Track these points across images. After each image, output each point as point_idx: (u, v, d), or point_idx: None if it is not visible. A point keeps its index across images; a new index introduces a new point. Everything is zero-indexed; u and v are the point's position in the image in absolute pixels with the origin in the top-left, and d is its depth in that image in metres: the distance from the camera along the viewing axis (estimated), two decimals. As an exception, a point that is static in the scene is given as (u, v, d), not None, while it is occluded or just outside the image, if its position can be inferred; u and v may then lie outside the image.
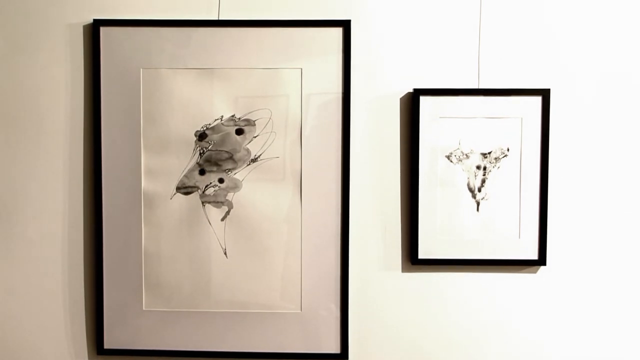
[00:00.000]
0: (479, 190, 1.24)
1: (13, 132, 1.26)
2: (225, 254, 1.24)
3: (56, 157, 1.26)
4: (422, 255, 1.24)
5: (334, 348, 1.25)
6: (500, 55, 1.25)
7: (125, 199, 1.24)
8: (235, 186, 1.24)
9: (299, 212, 1.23)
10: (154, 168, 1.24)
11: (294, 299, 1.25)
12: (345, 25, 1.22)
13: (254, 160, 1.23)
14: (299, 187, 1.23)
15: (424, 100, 1.23)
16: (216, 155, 1.23)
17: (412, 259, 1.25)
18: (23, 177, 1.26)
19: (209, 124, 1.23)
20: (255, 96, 1.23)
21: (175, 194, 1.24)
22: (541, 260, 1.25)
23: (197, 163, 1.24)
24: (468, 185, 1.24)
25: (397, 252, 1.27)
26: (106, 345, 1.26)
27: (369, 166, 1.26)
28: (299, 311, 1.25)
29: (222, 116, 1.23)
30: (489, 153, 1.24)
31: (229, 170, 1.23)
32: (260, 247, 1.24)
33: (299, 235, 1.24)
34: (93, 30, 1.23)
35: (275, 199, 1.23)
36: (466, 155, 1.24)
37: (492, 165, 1.24)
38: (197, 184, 1.24)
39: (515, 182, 1.24)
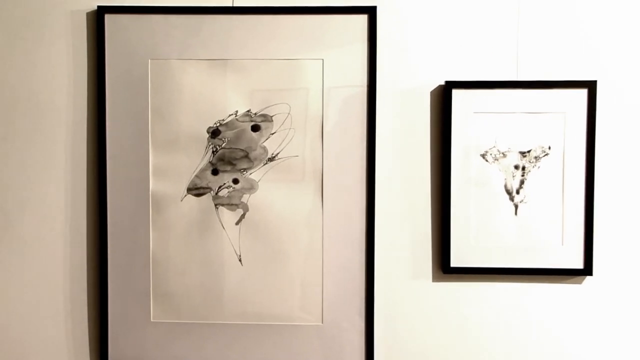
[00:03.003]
0: (517, 192, 1.20)
1: (11, 129, 1.24)
2: (239, 260, 1.22)
3: (57, 156, 1.24)
4: (454, 263, 1.21)
5: (358, 364, 1.23)
6: (541, 43, 1.21)
7: (131, 201, 1.22)
8: (251, 187, 1.21)
9: (320, 215, 1.21)
10: (163, 167, 1.22)
11: (315, 310, 1.22)
12: (371, 12, 1.19)
13: (272, 159, 1.21)
14: (320, 189, 1.21)
15: (456, 93, 1.20)
16: (230, 153, 1.21)
17: (444, 268, 1.22)
18: (21, 177, 1.25)
19: (223, 120, 1.21)
20: (273, 89, 1.21)
21: (185, 195, 1.22)
22: (587, 270, 1.21)
23: (210, 162, 1.21)
24: (505, 186, 1.21)
25: (427, 260, 1.24)
26: (111, 359, 1.24)
27: (397, 166, 1.23)
28: (320, 323, 1.22)
29: (236, 111, 1.21)
30: (529, 151, 1.20)
31: (244, 169, 1.21)
32: (277, 253, 1.22)
33: (319, 241, 1.21)
34: (97, 18, 1.21)
35: (294, 201, 1.21)
36: (503, 154, 1.20)
37: (532, 164, 1.20)
38: (210, 184, 1.22)
39: (558, 183, 1.20)
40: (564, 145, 1.19)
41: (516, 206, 1.21)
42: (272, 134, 1.21)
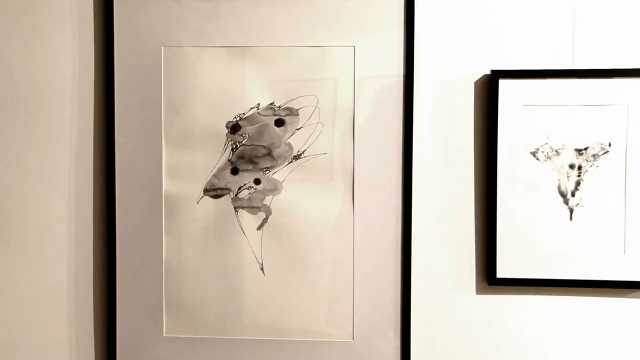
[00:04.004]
0: (573, 194, 1.13)
1: (10, 124, 1.21)
2: (261, 269, 1.17)
3: (61, 153, 1.20)
4: (501, 273, 1.15)
5: (393, 385, 1.18)
6: (601, 27, 1.14)
7: (142, 203, 1.18)
8: (274, 188, 1.16)
9: (351, 219, 1.16)
10: (177, 166, 1.17)
11: (344, 325, 1.16)
12: (408, -7, 1.14)
13: (297, 157, 1.16)
14: (351, 190, 1.16)
15: (504, 84, 1.13)
16: (251, 151, 1.16)
17: (489, 278, 1.15)
18: (21, 177, 1.21)
19: (243, 114, 1.16)
20: (299, 80, 1.16)
21: (202, 197, 1.17)
22: (653, 282, 1.14)
23: (229, 160, 1.16)
24: (559, 188, 1.13)
25: (470, 270, 1.18)
26: (119, 377, 1.20)
27: (436, 165, 1.17)
28: (350, 340, 1.17)
29: (258, 104, 1.16)
30: (586, 149, 1.13)
31: (267, 169, 1.16)
32: (303, 261, 1.17)
33: (350, 248, 1.16)
34: (105, 2, 1.17)
35: (322, 204, 1.16)
36: (556, 151, 1.13)
37: (590, 163, 1.13)
38: (229, 185, 1.17)
39: (619, 185, 1.12)
40: (627, 142, 1.12)
41: (571, 210, 1.13)
42: (298, 129, 1.16)
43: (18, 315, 1.22)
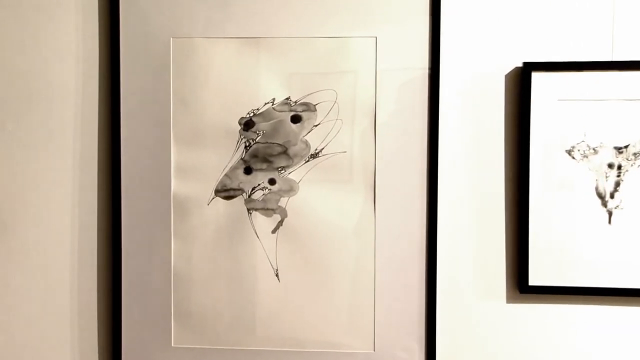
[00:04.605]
0: (612, 196, 1.08)
1: (9, 121, 1.18)
2: (276, 275, 1.13)
3: (62, 153, 1.18)
4: (533, 281, 1.10)
5: (416, 400, 1.14)
6: None
7: (149, 205, 1.15)
8: (290, 189, 1.13)
9: (372, 222, 1.12)
10: (187, 165, 1.14)
11: (365, 335, 1.13)
12: (434, -21, 1.11)
13: (315, 155, 1.12)
14: (372, 191, 1.12)
15: (537, 77, 1.09)
16: (266, 149, 1.13)
17: (521, 286, 1.11)
18: (21, 177, 1.18)
19: (257, 109, 1.13)
20: (316, 73, 1.12)
21: (213, 198, 1.14)
22: (700, 291, 1.08)
23: (242, 159, 1.13)
24: (597, 189, 1.09)
25: (500, 277, 1.13)
26: (125, 390, 1.18)
27: (464, 164, 1.13)
28: (371, 351, 1.13)
29: (273, 99, 1.12)
30: (626, 147, 1.08)
31: (282, 168, 1.13)
32: (321, 267, 1.13)
33: (371, 253, 1.12)
34: None
35: (342, 206, 1.13)
36: (594, 150, 1.08)
37: (630, 162, 1.08)
38: (242, 185, 1.13)
39: None
40: (671, 140, 1.07)
41: (610, 213, 1.08)
42: (316, 125, 1.12)
43: (17, 326, 1.20)
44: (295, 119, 1.12)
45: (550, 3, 1.10)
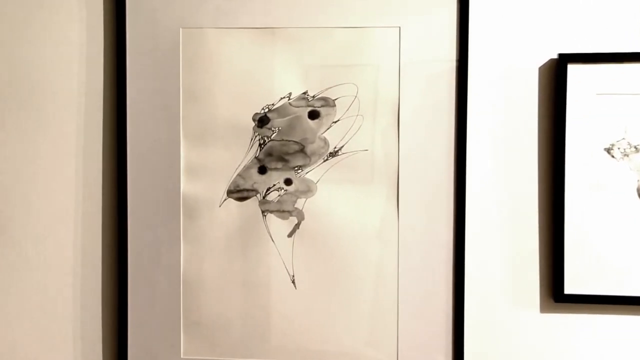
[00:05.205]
0: None
1: (9, 117, 1.16)
2: (293, 282, 1.10)
3: (65, 151, 1.16)
4: (569, 289, 1.06)
5: (443, 417, 1.11)
6: None
7: (157, 206, 1.13)
8: (308, 189, 1.10)
9: (395, 226, 1.09)
10: (198, 164, 1.12)
11: (387, 347, 1.10)
12: (462, -35, 1.07)
13: (334, 154, 1.09)
14: (395, 192, 1.09)
15: (573, 70, 1.05)
16: (282, 147, 1.10)
17: (556, 295, 1.06)
18: (21, 177, 1.16)
19: (272, 105, 1.10)
20: (335, 66, 1.09)
21: (225, 199, 1.11)
22: None
23: (256, 158, 1.10)
24: (638, 190, 1.04)
25: (533, 285, 1.09)
26: (131, 404, 1.15)
27: (494, 163, 1.09)
28: None
29: (289, 93, 1.10)
30: None
31: (299, 167, 1.10)
32: (341, 273, 1.10)
33: (394, 259, 1.09)
34: None
35: (363, 208, 1.10)
36: (635, 147, 1.04)
37: None
38: (256, 186, 1.10)
39: None
40: None
41: None
42: (335, 122, 1.09)
43: (18, 336, 1.18)
44: (313, 115, 1.09)
45: (587, -10, 1.06)
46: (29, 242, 1.17)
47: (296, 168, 1.10)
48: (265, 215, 1.10)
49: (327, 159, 1.09)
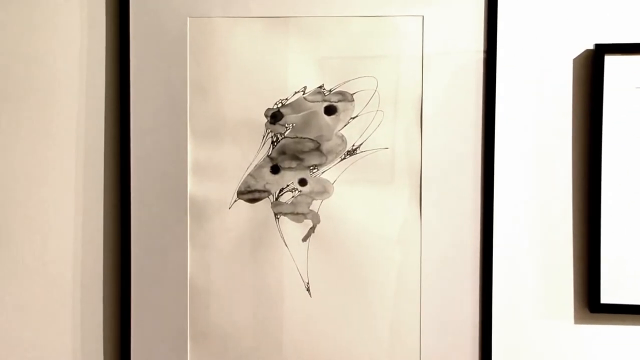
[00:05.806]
0: None
1: (6, 114, 1.13)
2: (307, 290, 1.07)
3: (66, 150, 1.12)
4: (606, 298, 1.02)
5: None
6: None
7: (163, 208, 1.10)
8: (324, 190, 1.07)
9: (418, 229, 1.05)
10: (206, 163, 1.09)
11: (410, 358, 1.06)
12: (490, -51, 1.04)
13: (352, 152, 1.06)
14: (418, 193, 1.06)
15: (611, 61, 1.02)
16: (296, 144, 1.07)
17: (591, 305, 1.02)
18: (20, 177, 1.13)
19: (286, 99, 1.07)
20: (354, 58, 1.06)
21: (235, 201, 1.08)
22: None
23: (269, 156, 1.07)
24: None
25: (567, 294, 1.06)
26: (135, 418, 1.11)
27: (524, 162, 1.05)
28: None
29: (304, 87, 1.06)
30: None
31: (315, 167, 1.07)
32: (359, 280, 1.07)
33: (417, 265, 1.06)
34: None
35: (382, 210, 1.07)
36: None
37: None
38: (268, 187, 1.07)
39: None
40: None
41: None
42: (353, 118, 1.06)
43: (18, 343, 1.14)
44: (330, 110, 1.06)
45: (626, -25, 1.02)
46: (29, 247, 1.14)
47: (311, 167, 1.07)
48: (278, 218, 1.07)
49: (344, 158, 1.06)
